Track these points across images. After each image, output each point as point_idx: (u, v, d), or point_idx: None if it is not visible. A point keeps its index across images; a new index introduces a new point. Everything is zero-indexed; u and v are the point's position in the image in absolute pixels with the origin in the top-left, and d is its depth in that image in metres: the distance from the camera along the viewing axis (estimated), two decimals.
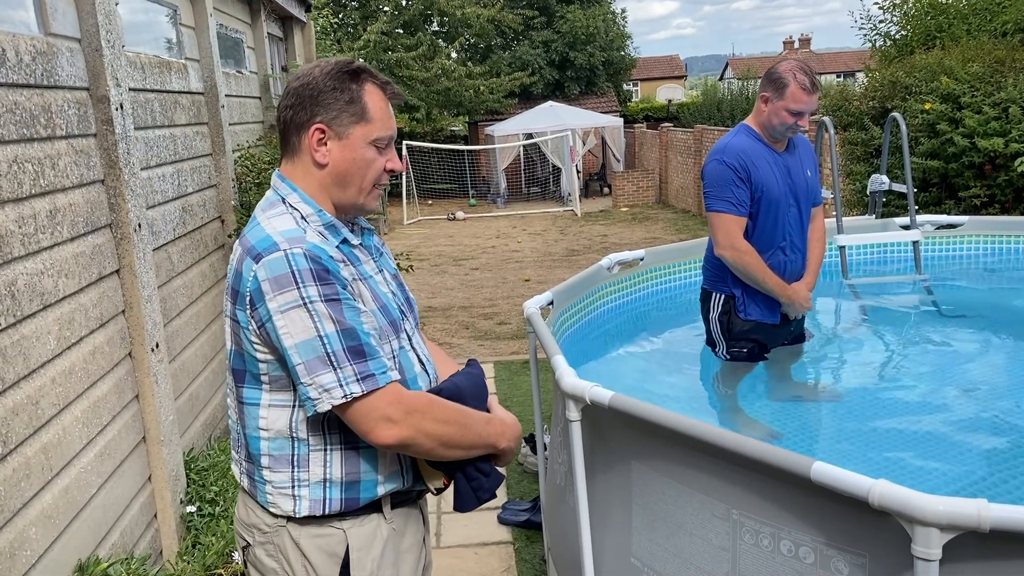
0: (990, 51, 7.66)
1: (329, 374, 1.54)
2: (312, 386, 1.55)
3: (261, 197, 1.98)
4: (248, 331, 1.61)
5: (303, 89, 1.67)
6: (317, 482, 1.66)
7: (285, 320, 1.54)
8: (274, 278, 1.54)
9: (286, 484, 1.67)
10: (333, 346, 1.54)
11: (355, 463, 1.67)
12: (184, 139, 4.45)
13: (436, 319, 8.78)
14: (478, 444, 1.72)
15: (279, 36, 7.89)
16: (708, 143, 16.12)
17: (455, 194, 24.21)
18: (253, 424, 1.68)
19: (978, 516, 1.60)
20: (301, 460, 1.66)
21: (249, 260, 1.58)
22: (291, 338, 1.54)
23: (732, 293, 3.46)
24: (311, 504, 1.66)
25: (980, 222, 5.19)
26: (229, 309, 1.66)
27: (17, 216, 2.53)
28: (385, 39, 20.78)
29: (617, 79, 28.75)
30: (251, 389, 1.67)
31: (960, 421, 3.20)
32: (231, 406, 1.76)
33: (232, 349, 1.69)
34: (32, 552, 2.45)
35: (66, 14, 3.02)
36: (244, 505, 1.77)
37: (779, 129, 3.32)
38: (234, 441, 1.79)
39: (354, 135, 1.67)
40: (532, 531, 3.85)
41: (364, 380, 1.56)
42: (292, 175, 1.71)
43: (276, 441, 1.66)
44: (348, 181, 1.69)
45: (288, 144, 1.72)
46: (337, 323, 1.55)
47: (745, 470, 2.09)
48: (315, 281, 1.55)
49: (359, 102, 1.67)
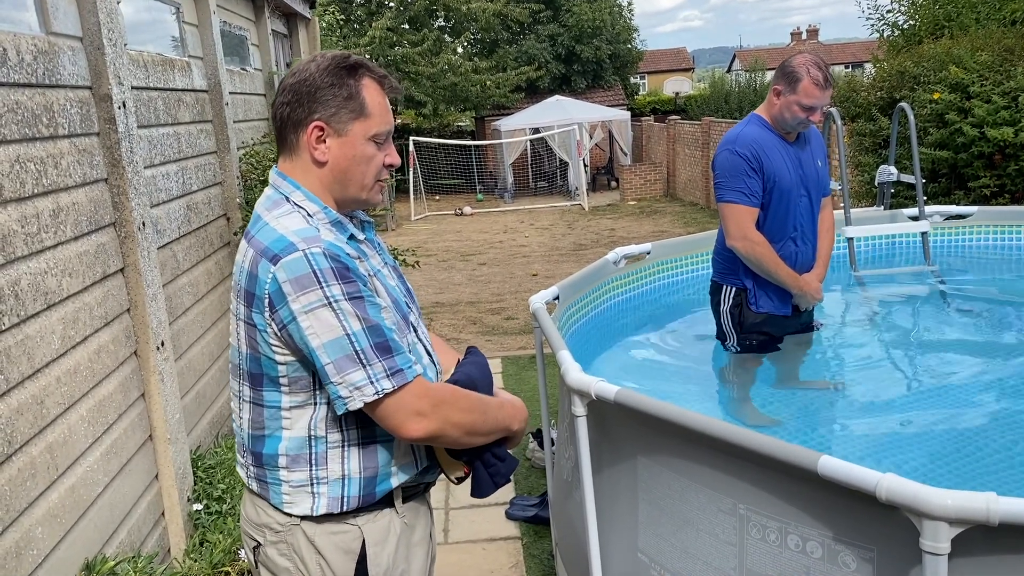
0: (999, 40, 7.58)
1: (359, 371, 1.54)
2: (342, 384, 1.54)
3: None
4: (267, 334, 1.59)
5: (300, 86, 1.64)
6: (336, 479, 1.65)
7: (311, 320, 1.52)
8: (295, 279, 1.52)
9: (304, 483, 1.66)
10: (361, 343, 1.54)
11: (373, 457, 1.67)
12: (188, 137, 4.45)
13: (444, 315, 8.78)
14: (497, 429, 1.74)
15: (283, 33, 7.88)
16: (716, 135, 16.06)
17: (462, 189, 24.18)
18: (275, 426, 1.66)
19: (987, 510, 1.58)
20: (319, 458, 1.65)
21: (265, 262, 1.56)
22: (318, 338, 1.53)
23: (743, 285, 3.44)
24: (330, 501, 1.65)
25: (989, 212, 5.15)
26: (243, 312, 1.63)
27: (20, 216, 2.53)
28: (390, 35, 20.75)
29: (624, 72, 28.67)
30: (271, 392, 1.65)
31: (969, 413, 3.18)
32: (240, 409, 1.73)
33: (247, 353, 1.65)
34: (38, 551, 2.45)
35: (67, 13, 3.02)
36: (253, 505, 1.75)
37: (790, 123, 3.31)
38: (240, 444, 1.77)
39: (353, 131, 1.65)
40: (540, 526, 3.84)
41: (393, 375, 1.56)
42: (292, 172, 1.69)
43: (295, 441, 1.65)
44: (349, 178, 1.68)
45: (286, 142, 1.69)
46: (363, 320, 1.54)
47: (752, 465, 2.07)
48: (337, 280, 1.53)
49: (357, 98, 1.65)
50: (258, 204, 1.72)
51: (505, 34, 26.02)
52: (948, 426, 3.09)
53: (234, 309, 1.68)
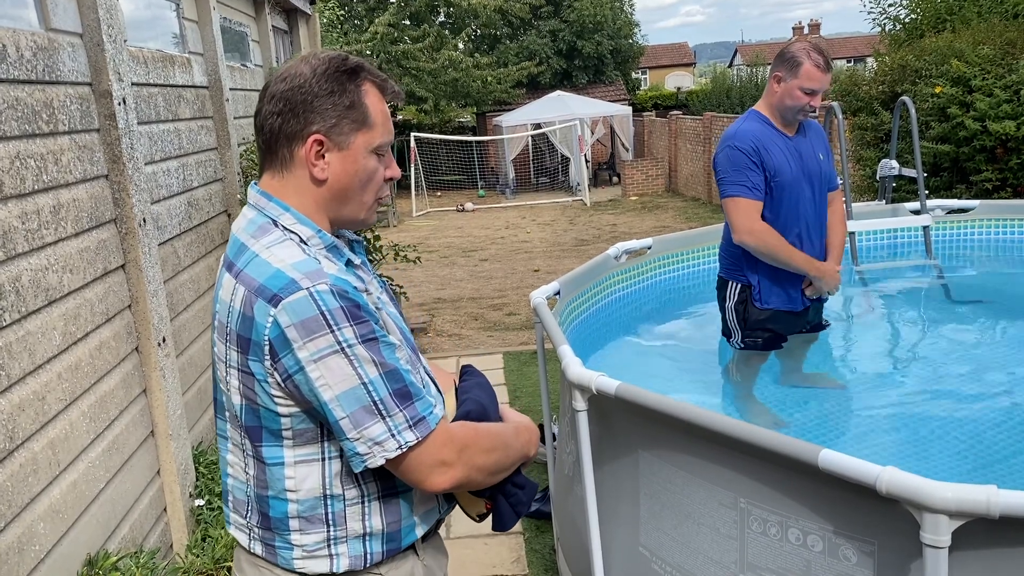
0: (1001, 33, 7.56)
1: (378, 424, 1.37)
2: (360, 440, 1.37)
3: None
4: (267, 384, 1.40)
5: (293, 93, 1.44)
6: (356, 537, 1.49)
7: (321, 370, 1.35)
8: (301, 323, 1.34)
9: (320, 545, 1.49)
10: (380, 393, 1.37)
11: (395, 511, 1.52)
12: (189, 133, 4.45)
13: (445, 310, 8.78)
14: (518, 459, 1.61)
15: (284, 29, 7.88)
16: (717, 130, 16.04)
17: (464, 185, 24.18)
18: (278, 487, 1.47)
19: (987, 502, 1.58)
20: (337, 518, 1.48)
21: (263, 303, 1.36)
22: (330, 390, 1.35)
23: (749, 282, 3.42)
24: (351, 560, 1.50)
25: (991, 206, 5.14)
26: (235, 359, 1.43)
27: (20, 212, 2.53)
28: (392, 31, 20.75)
29: (625, 67, 28.65)
30: (272, 447, 1.46)
31: (969, 407, 3.18)
32: (234, 464, 1.55)
33: (242, 405, 1.46)
34: (41, 547, 2.45)
35: (67, 9, 3.02)
36: (254, 567, 1.55)
37: (792, 109, 3.27)
38: (238, 503, 1.57)
39: (355, 144, 1.46)
40: (542, 521, 3.85)
41: (416, 425, 1.40)
42: (281, 191, 1.48)
43: (307, 502, 1.47)
44: (349, 196, 1.50)
45: (276, 157, 1.48)
46: (380, 365, 1.37)
47: (752, 458, 2.07)
48: (349, 321, 1.35)
49: (360, 106, 1.46)
50: (238, 228, 1.51)
51: (506, 29, 26.03)
52: (948, 419, 3.09)
53: (221, 354, 1.48)
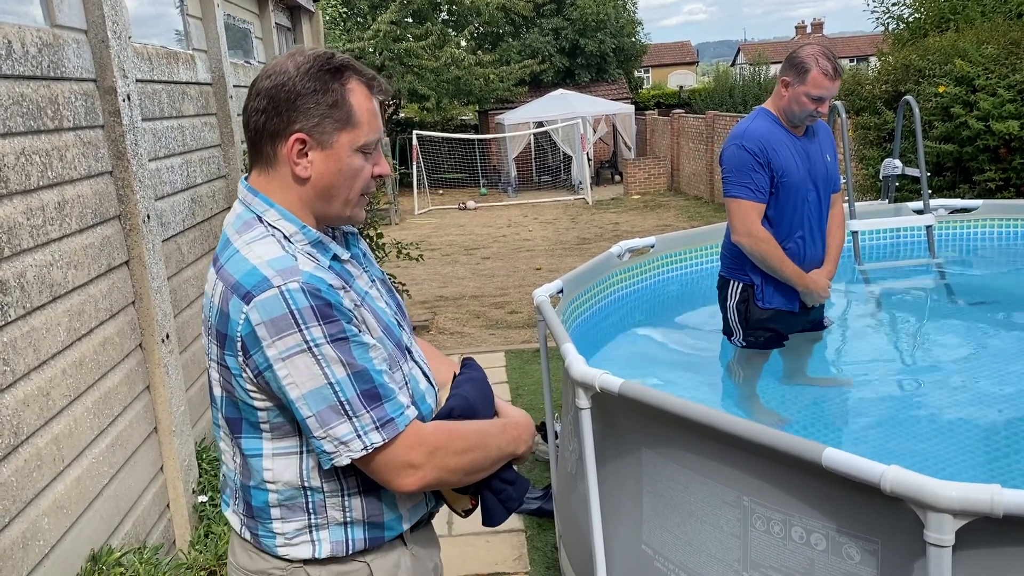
0: (1005, 32, 7.56)
1: (344, 424, 1.38)
2: (327, 439, 1.39)
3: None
4: (241, 379, 1.43)
5: (277, 91, 1.44)
6: (337, 524, 1.52)
7: (288, 368, 1.36)
8: (270, 321, 1.35)
9: (302, 532, 1.51)
10: (346, 393, 1.38)
11: (376, 505, 1.53)
12: (192, 130, 4.45)
13: (447, 308, 8.79)
14: (500, 458, 1.59)
15: (287, 26, 7.88)
16: (720, 129, 16.03)
17: (466, 183, 24.18)
18: (258, 477, 1.50)
19: (991, 501, 1.58)
20: (317, 507, 1.50)
21: (236, 300, 1.38)
22: (297, 388, 1.37)
23: (751, 281, 3.42)
24: (333, 546, 1.52)
25: (995, 206, 5.14)
26: (215, 353, 1.46)
27: (25, 208, 2.53)
28: (394, 28, 20.74)
29: (628, 66, 28.61)
30: (250, 439, 1.49)
31: (973, 406, 3.18)
32: (225, 452, 1.58)
33: (222, 396, 1.49)
34: (45, 542, 2.46)
35: (72, 5, 3.02)
36: (245, 551, 1.58)
37: (799, 115, 3.28)
38: (229, 489, 1.61)
39: (339, 143, 1.46)
40: (544, 519, 3.85)
41: (384, 427, 1.41)
42: (267, 188, 1.49)
43: (286, 492, 1.50)
44: (333, 194, 1.49)
45: (260, 153, 1.49)
46: (348, 366, 1.38)
47: (756, 457, 2.07)
48: (318, 320, 1.36)
49: (343, 105, 1.45)
50: (227, 222, 1.53)
51: (509, 27, 26.00)
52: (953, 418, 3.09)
53: (206, 347, 1.52)
